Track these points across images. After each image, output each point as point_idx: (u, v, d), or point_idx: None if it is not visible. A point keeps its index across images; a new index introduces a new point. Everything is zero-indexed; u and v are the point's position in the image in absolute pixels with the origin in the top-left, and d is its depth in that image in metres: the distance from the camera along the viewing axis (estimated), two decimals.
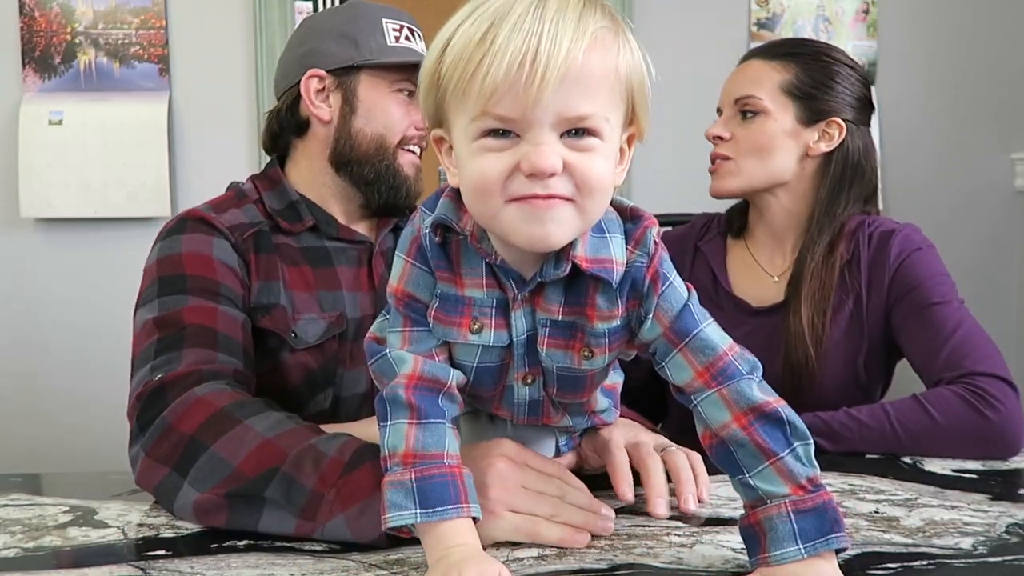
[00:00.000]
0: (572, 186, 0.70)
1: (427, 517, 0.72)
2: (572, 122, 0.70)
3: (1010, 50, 2.23)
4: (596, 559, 0.79)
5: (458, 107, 0.72)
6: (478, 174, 0.71)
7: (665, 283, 0.79)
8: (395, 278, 0.81)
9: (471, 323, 0.79)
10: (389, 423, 0.77)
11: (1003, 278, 2.28)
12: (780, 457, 0.73)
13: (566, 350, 0.80)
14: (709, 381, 0.77)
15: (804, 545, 0.70)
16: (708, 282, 1.42)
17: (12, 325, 2.15)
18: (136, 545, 0.84)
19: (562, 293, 0.78)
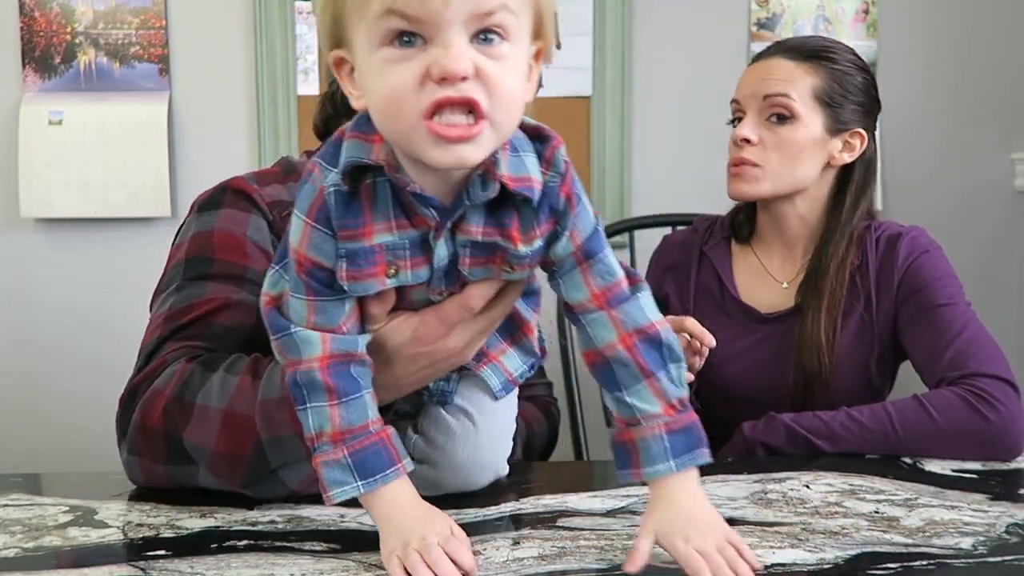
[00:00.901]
0: (483, 92, 0.68)
1: (369, 487, 0.76)
2: (483, 18, 0.68)
3: (1010, 50, 2.23)
4: (596, 559, 0.79)
5: (359, 14, 0.69)
6: (388, 88, 0.69)
7: (579, 202, 0.78)
8: (295, 240, 0.78)
9: (386, 269, 0.78)
10: (309, 406, 0.78)
11: (1003, 278, 2.28)
12: (657, 377, 0.78)
13: (487, 266, 0.80)
14: (603, 304, 0.79)
15: (675, 461, 0.77)
16: (715, 288, 1.41)
17: (12, 325, 2.15)
18: (136, 545, 0.84)
19: (483, 215, 0.77)
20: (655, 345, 0.79)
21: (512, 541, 0.83)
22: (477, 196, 0.75)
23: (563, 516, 0.91)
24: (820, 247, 1.35)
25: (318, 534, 0.86)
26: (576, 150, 2.15)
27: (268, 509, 0.93)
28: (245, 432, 0.90)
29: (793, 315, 1.34)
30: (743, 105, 1.34)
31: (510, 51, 0.70)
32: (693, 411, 0.79)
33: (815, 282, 1.32)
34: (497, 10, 0.68)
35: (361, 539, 0.85)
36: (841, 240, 1.33)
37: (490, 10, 0.68)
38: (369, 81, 0.71)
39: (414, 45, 0.68)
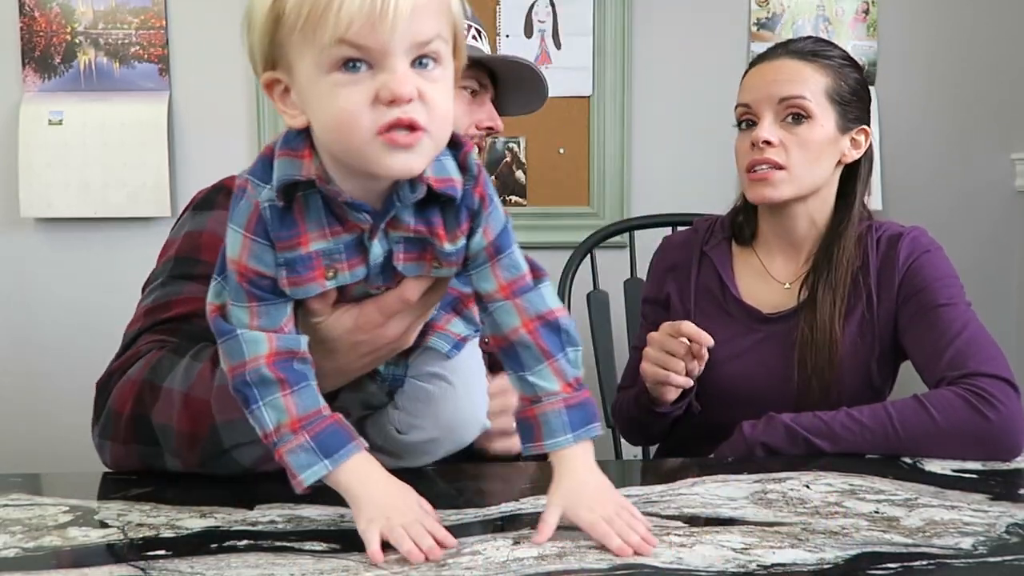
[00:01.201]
0: (424, 112, 0.76)
1: (336, 463, 0.81)
2: (421, 47, 0.76)
3: (1010, 50, 2.23)
4: (596, 559, 0.79)
5: (305, 42, 0.75)
6: (339, 109, 0.76)
7: (491, 202, 0.87)
8: (235, 252, 0.83)
9: (324, 272, 0.84)
10: (263, 402, 0.82)
11: (1003, 278, 2.28)
12: (556, 359, 0.86)
13: (419, 261, 0.87)
14: (509, 295, 0.87)
15: (572, 434, 0.85)
16: (716, 288, 1.41)
17: (12, 325, 2.15)
18: (136, 545, 0.84)
19: (412, 214, 0.84)
20: (554, 330, 0.86)
21: (512, 541, 0.83)
22: (407, 197, 0.82)
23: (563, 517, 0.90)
24: (826, 245, 1.35)
25: (318, 534, 0.86)
26: (576, 150, 2.15)
27: (268, 509, 0.93)
28: (203, 414, 0.97)
29: (795, 315, 1.34)
30: (755, 109, 1.33)
31: (442, 74, 0.79)
32: (587, 390, 0.87)
33: (821, 280, 1.32)
34: (433, 39, 0.77)
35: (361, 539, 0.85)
36: (848, 237, 1.33)
37: (428, 39, 0.77)
38: (317, 102, 0.78)
39: (360, 70, 0.75)
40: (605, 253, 1.93)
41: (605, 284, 1.87)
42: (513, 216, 1.88)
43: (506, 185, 2.14)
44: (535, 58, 2.13)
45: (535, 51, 2.13)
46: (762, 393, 1.32)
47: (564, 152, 2.15)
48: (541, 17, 2.13)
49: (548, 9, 2.13)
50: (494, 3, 2.11)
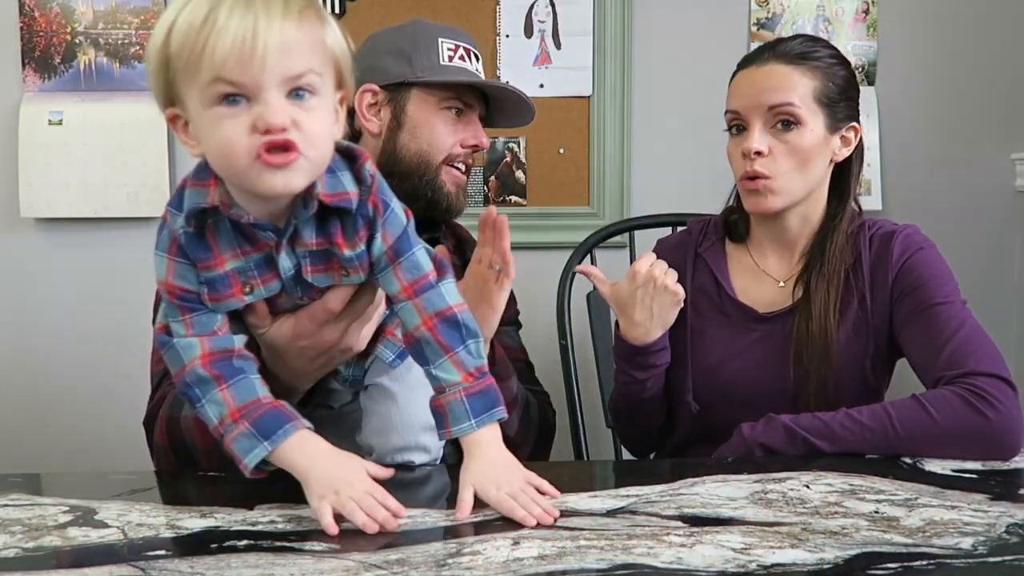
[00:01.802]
0: (300, 137, 0.83)
1: (275, 443, 0.88)
2: (294, 80, 0.83)
3: (1010, 50, 2.23)
4: (596, 559, 0.79)
5: (190, 81, 0.83)
6: (222, 139, 0.84)
7: (387, 209, 0.93)
8: (161, 274, 0.93)
9: (242, 288, 0.94)
10: (204, 400, 0.91)
11: (1003, 278, 2.27)
12: (456, 352, 0.93)
13: (327, 272, 0.95)
14: (411, 295, 0.94)
15: (475, 420, 0.93)
16: (712, 288, 1.41)
17: (12, 325, 2.15)
18: (136, 545, 0.84)
19: (314, 229, 0.92)
20: (453, 324, 0.94)
21: (512, 541, 0.84)
22: (301, 214, 0.90)
23: (563, 516, 0.91)
24: (818, 243, 1.35)
25: (318, 534, 0.86)
26: (576, 150, 2.15)
27: (268, 509, 0.93)
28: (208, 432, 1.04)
29: (791, 313, 1.34)
30: (744, 116, 1.33)
31: (318, 103, 0.86)
32: (491, 377, 0.95)
33: (815, 275, 1.32)
34: (305, 73, 0.84)
35: (361, 539, 0.85)
36: (840, 235, 1.33)
37: (299, 73, 0.84)
38: (205, 133, 0.86)
39: (239, 103, 0.83)
40: (605, 253, 1.93)
41: None
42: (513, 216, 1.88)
43: (506, 185, 2.14)
44: (535, 58, 2.13)
45: (535, 51, 2.13)
46: (760, 392, 1.32)
47: (564, 152, 2.15)
48: (541, 17, 2.13)
49: (548, 9, 2.13)
50: (494, 3, 2.11)
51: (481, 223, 1.20)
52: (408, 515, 0.91)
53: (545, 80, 2.13)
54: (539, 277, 1.94)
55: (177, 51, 0.83)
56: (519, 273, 1.55)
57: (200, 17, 0.81)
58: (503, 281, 1.20)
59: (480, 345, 0.95)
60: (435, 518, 0.90)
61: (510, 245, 1.19)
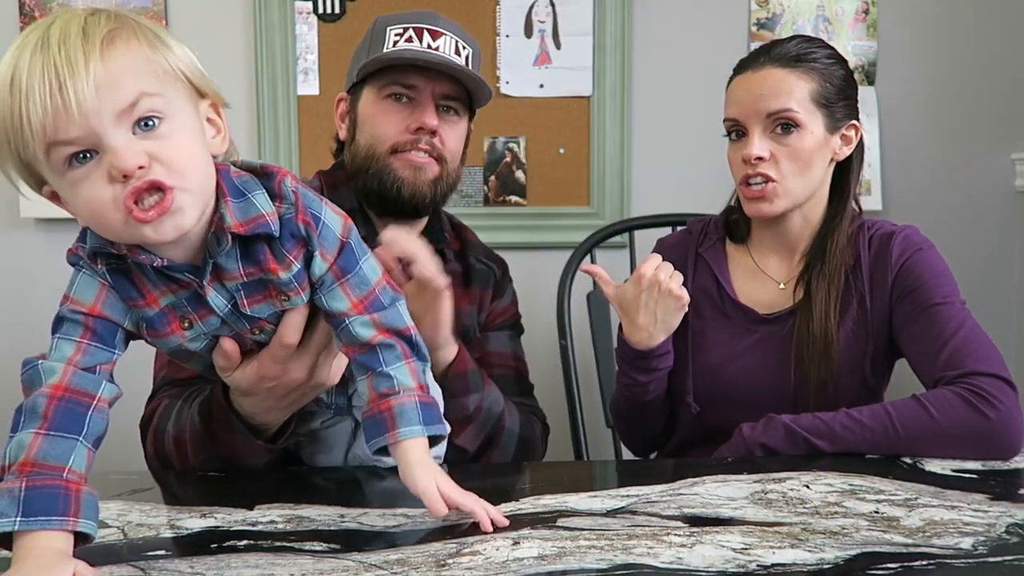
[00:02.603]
0: (164, 171, 0.76)
1: (27, 525, 0.73)
2: (130, 112, 0.75)
3: (1010, 50, 2.23)
4: (596, 559, 0.79)
5: (31, 159, 0.75)
6: (88, 206, 0.77)
7: (319, 224, 0.87)
8: (87, 297, 0.83)
9: (181, 323, 0.88)
10: (17, 433, 0.78)
11: (1003, 278, 2.27)
12: (414, 361, 0.91)
13: (266, 300, 0.89)
14: (363, 310, 0.90)
15: (424, 427, 0.88)
16: (713, 289, 1.41)
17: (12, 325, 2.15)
18: (136, 545, 0.84)
19: (237, 259, 0.85)
20: (410, 343, 0.91)
21: (512, 541, 0.84)
22: (216, 252, 0.83)
23: (563, 516, 0.91)
24: (819, 243, 1.35)
25: (318, 534, 0.86)
26: (576, 150, 2.15)
27: (268, 509, 0.93)
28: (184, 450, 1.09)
29: (791, 315, 1.34)
30: (743, 122, 1.33)
31: (172, 127, 0.77)
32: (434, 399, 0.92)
33: (815, 274, 1.32)
34: (137, 100, 0.75)
35: (361, 539, 0.85)
36: (841, 235, 1.33)
37: (131, 103, 0.75)
38: (72, 202, 0.79)
39: (90, 160, 0.75)
40: (605, 253, 1.93)
41: None
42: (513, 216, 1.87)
43: (506, 185, 2.14)
44: (535, 58, 2.13)
45: (535, 51, 2.13)
46: (760, 393, 1.32)
47: (564, 152, 2.15)
48: (541, 17, 2.13)
49: (548, 9, 2.13)
50: (494, 3, 2.11)
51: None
52: (408, 515, 0.91)
53: (545, 80, 2.13)
54: (539, 277, 1.94)
55: (3, 134, 0.75)
56: (520, 273, 1.56)
57: (5, 86, 0.73)
58: (441, 293, 1.15)
59: (427, 367, 0.94)
60: (435, 518, 0.90)
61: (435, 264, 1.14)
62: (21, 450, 0.76)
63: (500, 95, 2.10)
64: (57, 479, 0.76)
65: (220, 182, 0.84)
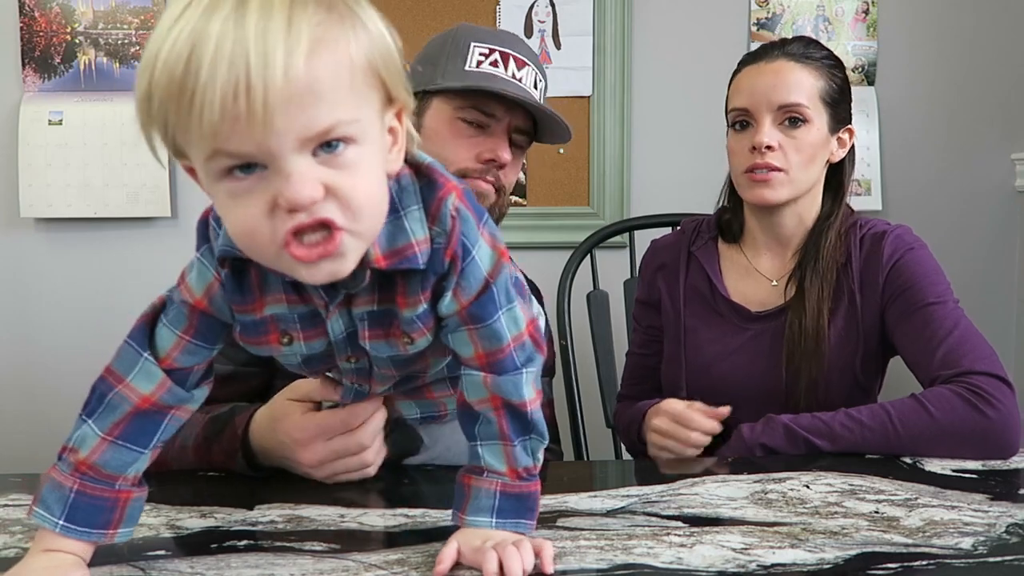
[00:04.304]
0: (338, 209, 0.64)
1: (67, 532, 0.74)
2: (318, 138, 0.62)
3: (1010, 50, 2.23)
4: (596, 559, 0.79)
5: (188, 143, 0.64)
6: (240, 226, 0.65)
7: (466, 259, 0.74)
8: (198, 288, 0.76)
9: (279, 337, 0.79)
10: (89, 421, 0.76)
11: (1003, 278, 2.28)
12: (513, 443, 0.79)
13: (387, 339, 0.79)
14: (484, 366, 0.78)
15: (497, 520, 0.78)
16: (705, 288, 1.42)
17: (12, 325, 2.15)
18: (136, 545, 0.84)
19: (374, 287, 0.75)
20: (520, 418, 0.79)
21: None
22: (351, 285, 0.73)
23: (563, 516, 0.91)
24: (812, 241, 1.36)
25: (318, 534, 0.86)
26: (576, 150, 2.15)
27: (268, 509, 0.93)
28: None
29: (783, 312, 1.35)
30: (753, 113, 1.33)
31: (359, 154, 0.65)
32: (536, 482, 0.81)
33: (808, 272, 1.33)
34: (333, 128, 0.63)
35: (361, 539, 0.85)
36: (832, 234, 1.34)
37: (325, 130, 0.62)
38: (220, 209, 0.68)
39: (254, 172, 0.63)
40: (605, 253, 1.93)
41: (605, 284, 1.87)
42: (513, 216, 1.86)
43: None
44: None
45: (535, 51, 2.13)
46: (752, 391, 1.32)
47: (564, 152, 2.15)
48: (541, 17, 2.13)
49: (548, 9, 2.13)
50: (494, 3, 2.11)
51: None
52: (408, 515, 0.91)
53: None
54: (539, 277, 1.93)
55: (162, 107, 0.62)
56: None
57: (180, 65, 0.59)
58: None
59: (539, 445, 0.81)
60: (435, 518, 0.90)
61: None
62: (83, 445, 0.75)
63: None
64: (109, 490, 0.75)
65: None
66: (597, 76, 2.14)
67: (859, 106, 2.18)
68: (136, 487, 0.77)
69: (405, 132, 0.72)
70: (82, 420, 0.76)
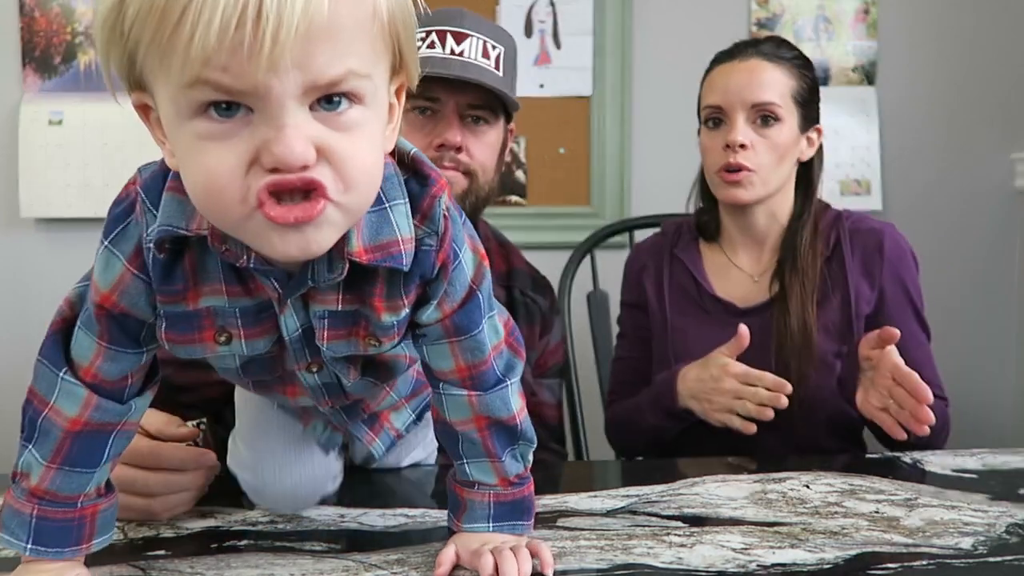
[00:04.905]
0: (330, 174, 0.55)
1: (38, 553, 0.68)
2: (324, 88, 0.54)
3: (1010, 50, 2.23)
4: (596, 559, 0.79)
5: (158, 68, 0.53)
6: (205, 177, 0.54)
7: (455, 263, 0.67)
8: (104, 282, 0.65)
9: (215, 335, 0.67)
10: (31, 447, 0.68)
11: (1003, 278, 2.27)
12: (501, 460, 0.77)
13: (349, 339, 0.69)
14: (465, 381, 0.73)
15: (493, 525, 0.77)
16: (691, 287, 1.43)
17: (11, 325, 2.15)
18: (136, 545, 0.84)
19: (340, 284, 0.65)
20: (509, 432, 0.77)
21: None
22: (322, 277, 0.63)
23: (563, 516, 0.91)
24: (789, 238, 1.37)
25: (318, 534, 0.86)
26: (576, 150, 2.15)
27: (268, 509, 0.93)
28: None
29: (768, 307, 1.36)
30: (726, 111, 1.34)
31: (363, 117, 0.57)
32: (530, 484, 0.80)
33: (788, 272, 1.34)
34: (344, 78, 0.54)
35: (361, 539, 0.85)
36: (807, 228, 1.36)
37: (336, 78, 0.54)
38: (181, 155, 0.57)
39: (235, 115, 0.54)
40: (605, 253, 1.93)
41: (605, 284, 1.87)
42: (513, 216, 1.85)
43: (506, 185, 2.14)
44: (535, 58, 2.13)
45: (535, 51, 2.13)
46: None
47: (564, 152, 2.15)
48: (541, 17, 2.13)
49: (548, 9, 2.13)
50: (494, 3, 2.11)
51: None
52: (408, 515, 0.91)
53: (545, 80, 2.13)
54: None
55: (137, 21, 0.52)
56: None
57: None
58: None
59: (530, 450, 0.79)
60: (435, 518, 0.90)
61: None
62: (31, 472, 0.68)
63: None
64: (71, 511, 0.69)
65: None
66: (597, 76, 2.14)
67: (859, 106, 2.18)
68: (102, 497, 0.72)
69: (401, 112, 0.64)
70: (23, 445, 0.69)
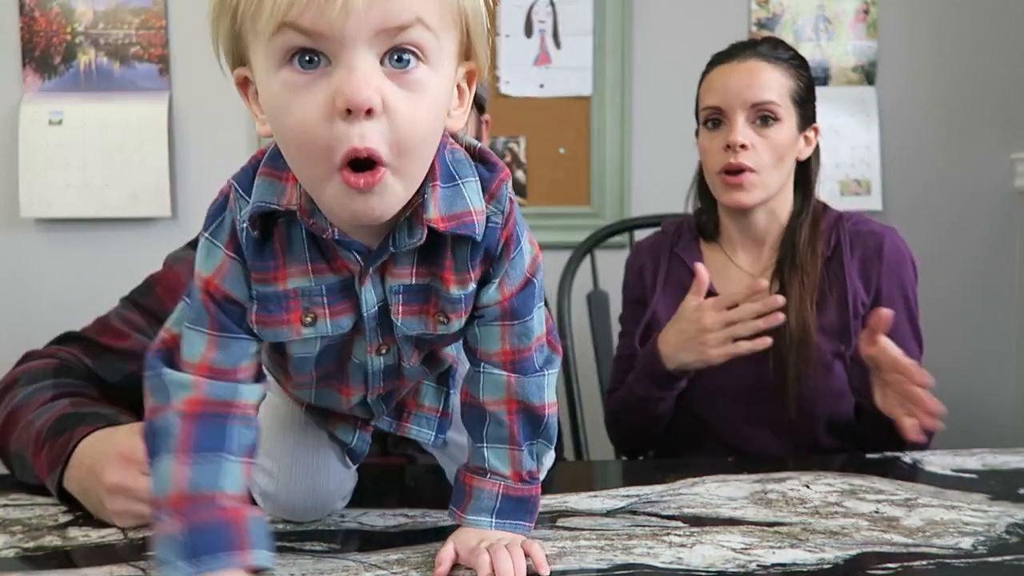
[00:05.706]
0: (385, 138, 0.60)
1: (197, 569, 0.64)
2: (393, 34, 0.60)
3: (1010, 50, 2.23)
4: (596, 559, 0.79)
5: (252, 30, 0.61)
6: (296, 125, 0.61)
7: (517, 247, 0.72)
8: (208, 268, 0.69)
9: (302, 316, 0.70)
10: (156, 460, 0.68)
11: (1003, 278, 2.27)
12: (521, 448, 0.78)
13: (421, 315, 0.73)
14: (507, 364, 0.77)
15: (496, 520, 0.78)
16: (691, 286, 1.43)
17: (11, 325, 2.15)
18: (136, 545, 0.84)
19: (415, 255, 0.70)
20: (535, 421, 0.79)
21: None
22: (403, 243, 0.68)
23: (563, 516, 0.91)
24: (788, 237, 1.37)
25: (318, 534, 0.86)
26: (576, 150, 2.15)
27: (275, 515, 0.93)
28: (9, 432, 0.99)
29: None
30: (726, 111, 1.34)
31: (427, 77, 0.62)
32: (537, 486, 0.81)
33: (788, 271, 1.34)
34: (411, 24, 0.60)
35: (361, 539, 0.85)
36: (805, 228, 1.36)
37: (402, 24, 0.60)
38: (273, 110, 0.63)
39: (317, 66, 0.60)
40: (605, 253, 1.93)
41: (605, 284, 1.87)
42: None
43: None
44: (535, 58, 2.13)
45: (535, 51, 2.13)
46: (741, 384, 1.33)
47: (564, 152, 2.15)
48: (541, 17, 2.13)
49: (548, 9, 2.13)
50: (494, 3, 2.11)
51: None
52: (408, 515, 0.91)
53: (545, 80, 2.13)
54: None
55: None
56: None
57: None
58: None
59: (545, 450, 0.81)
60: (435, 518, 0.90)
61: None
62: (168, 481, 0.66)
63: (500, 95, 2.10)
64: (212, 509, 0.66)
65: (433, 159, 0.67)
66: (597, 76, 2.14)
67: (859, 106, 2.18)
68: (247, 506, 0.68)
69: (471, 100, 0.70)
70: (152, 466, 0.68)
